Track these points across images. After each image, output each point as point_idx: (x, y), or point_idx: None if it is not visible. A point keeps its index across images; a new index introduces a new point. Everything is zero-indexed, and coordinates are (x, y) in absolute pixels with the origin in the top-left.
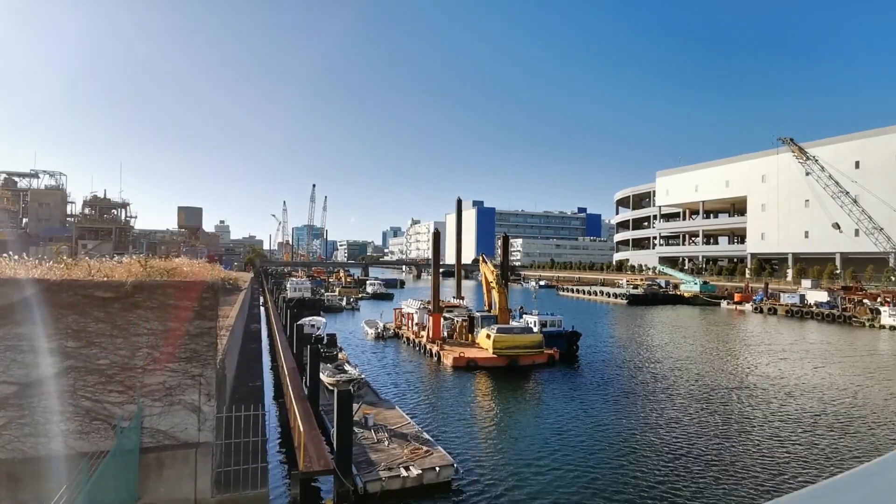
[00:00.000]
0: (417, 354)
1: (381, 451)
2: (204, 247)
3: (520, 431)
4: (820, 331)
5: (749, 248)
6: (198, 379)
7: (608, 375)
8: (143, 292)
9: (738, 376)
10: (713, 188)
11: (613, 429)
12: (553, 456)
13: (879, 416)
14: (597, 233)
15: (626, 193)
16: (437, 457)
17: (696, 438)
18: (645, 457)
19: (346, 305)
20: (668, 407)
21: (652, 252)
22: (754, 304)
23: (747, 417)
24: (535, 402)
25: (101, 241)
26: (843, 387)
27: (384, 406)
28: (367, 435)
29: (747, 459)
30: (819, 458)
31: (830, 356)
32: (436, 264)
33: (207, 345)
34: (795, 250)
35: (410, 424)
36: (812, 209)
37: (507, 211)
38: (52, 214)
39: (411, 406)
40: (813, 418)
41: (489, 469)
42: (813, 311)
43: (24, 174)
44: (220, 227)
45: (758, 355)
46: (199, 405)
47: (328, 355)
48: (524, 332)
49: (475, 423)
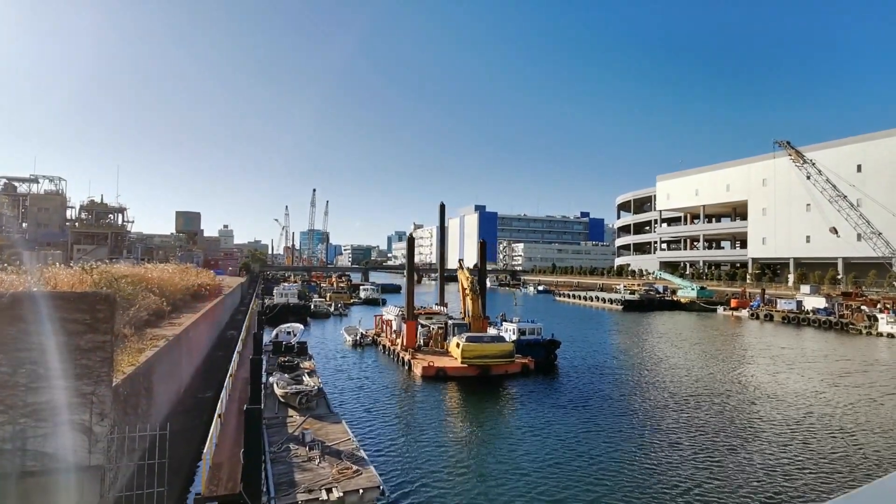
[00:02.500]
0: (391, 363)
1: (309, 470)
2: (201, 252)
3: (474, 450)
4: (815, 338)
5: (750, 253)
6: (89, 397)
7: (585, 386)
8: (25, 304)
9: (723, 388)
10: (714, 192)
11: (583, 447)
12: (505, 479)
13: (874, 430)
14: (600, 237)
15: (628, 198)
16: (366, 477)
17: (676, 458)
18: (613, 478)
19: (335, 311)
20: (646, 421)
21: (653, 257)
22: (751, 311)
23: (734, 436)
24: (500, 416)
25: (97, 245)
26: (831, 398)
27: (330, 420)
28: (301, 452)
29: (731, 486)
30: (810, 478)
31: (822, 365)
32: (410, 269)
33: (101, 360)
34: (797, 255)
35: (351, 440)
36: (813, 213)
37: (510, 215)
38: (51, 219)
39: (365, 419)
40: (809, 434)
41: (425, 494)
42: (810, 317)
43: (23, 179)
44: (224, 231)
45: (748, 364)
46: (89, 425)
47: (288, 364)
48: (494, 340)
49: (427, 440)
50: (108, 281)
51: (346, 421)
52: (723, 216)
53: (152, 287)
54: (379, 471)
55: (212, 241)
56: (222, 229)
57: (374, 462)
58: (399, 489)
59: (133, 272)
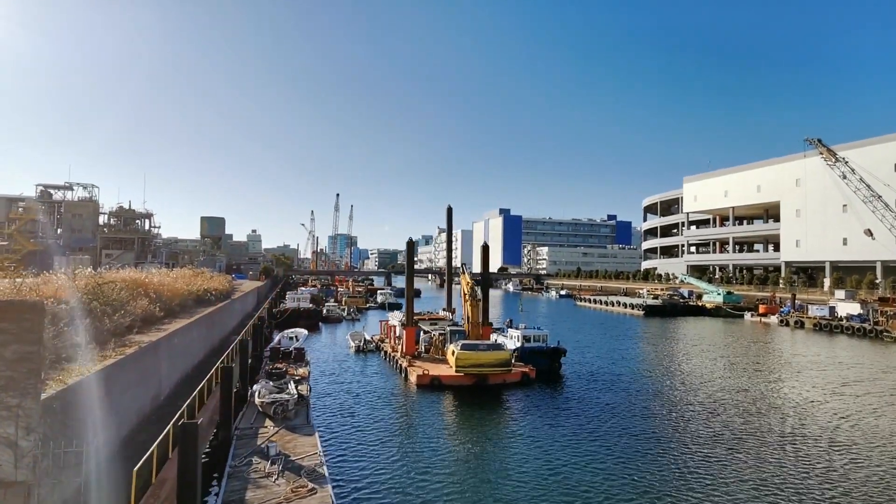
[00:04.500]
0: (391, 370)
1: (263, 487)
2: (224, 256)
3: (450, 470)
4: (848, 347)
5: (783, 256)
6: (15, 410)
7: (589, 398)
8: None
9: (742, 403)
10: (743, 193)
11: (582, 474)
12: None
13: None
14: (627, 241)
15: (654, 200)
16: (318, 498)
17: (685, 482)
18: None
19: (347, 316)
20: (650, 441)
21: (680, 260)
22: (780, 317)
23: (755, 470)
24: (489, 432)
25: (124, 250)
26: (865, 416)
27: (304, 432)
28: (261, 467)
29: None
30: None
31: (854, 377)
32: (409, 274)
33: (27, 371)
34: (832, 258)
35: (317, 455)
36: (849, 214)
37: (535, 218)
38: (84, 225)
39: (345, 430)
40: (837, 459)
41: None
42: (843, 324)
43: (59, 186)
44: (252, 236)
45: (773, 377)
46: (15, 440)
47: (276, 372)
48: (491, 348)
49: (402, 456)
50: (93, 287)
51: (326, 432)
52: (755, 218)
53: (148, 292)
54: (340, 489)
55: (239, 245)
56: (251, 234)
57: (338, 478)
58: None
59: (131, 277)
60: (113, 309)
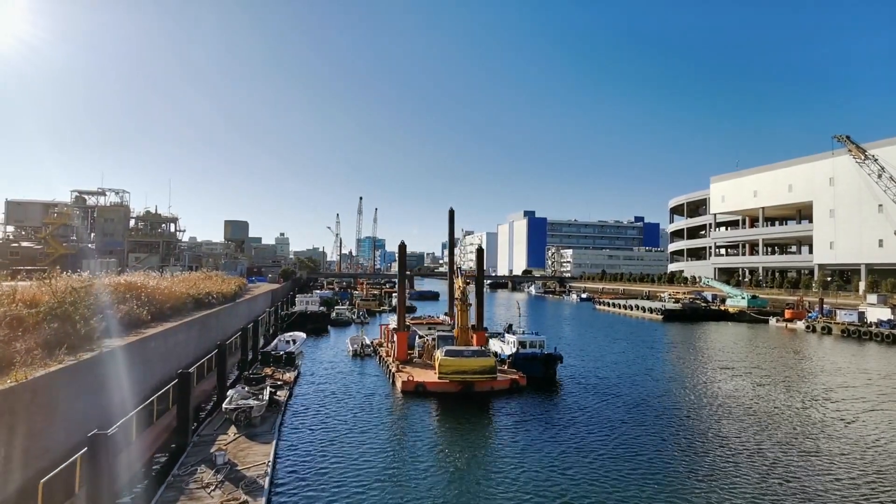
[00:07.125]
0: (383, 375)
1: (197, 499)
2: (245, 259)
3: (416, 486)
4: (877, 355)
5: (816, 259)
6: None
7: (583, 408)
8: None
9: (755, 421)
10: (774, 193)
11: (568, 484)
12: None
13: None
14: (655, 242)
15: (681, 201)
16: None
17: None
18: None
19: (356, 319)
20: (644, 460)
21: (708, 262)
22: (807, 322)
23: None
24: (466, 444)
25: (149, 253)
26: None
27: (262, 440)
28: (204, 476)
29: None
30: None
31: (878, 391)
32: (401, 277)
33: None
34: (868, 260)
35: (265, 465)
36: (886, 215)
37: (560, 221)
38: (115, 229)
39: (316, 437)
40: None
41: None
42: (871, 330)
43: (92, 192)
44: (280, 239)
45: (793, 391)
46: None
47: (254, 376)
48: (476, 354)
49: (366, 467)
50: (68, 292)
51: (295, 439)
52: (787, 219)
53: (140, 296)
54: (282, 500)
55: (263, 248)
56: (279, 237)
57: (283, 489)
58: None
59: (124, 282)
60: (91, 313)
